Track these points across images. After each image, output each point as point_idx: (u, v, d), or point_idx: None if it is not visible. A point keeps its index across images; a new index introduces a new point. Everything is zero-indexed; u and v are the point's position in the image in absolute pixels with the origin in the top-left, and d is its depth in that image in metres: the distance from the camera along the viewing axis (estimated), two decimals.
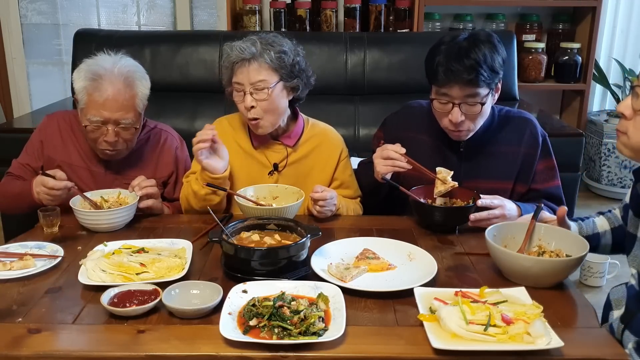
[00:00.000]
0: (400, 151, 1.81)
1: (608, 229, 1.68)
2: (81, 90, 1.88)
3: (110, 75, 1.87)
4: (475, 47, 1.75)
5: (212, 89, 3.03)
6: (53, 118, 2.08)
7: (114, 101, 1.86)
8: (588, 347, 1.23)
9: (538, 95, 4.07)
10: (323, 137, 2.05)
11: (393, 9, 3.72)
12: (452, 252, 1.67)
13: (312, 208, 1.86)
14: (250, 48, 1.83)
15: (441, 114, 1.85)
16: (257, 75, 1.84)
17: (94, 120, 1.87)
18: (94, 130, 1.90)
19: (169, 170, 2.10)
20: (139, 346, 1.21)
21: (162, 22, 4.14)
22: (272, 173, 1.99)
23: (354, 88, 3.09)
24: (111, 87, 1.86)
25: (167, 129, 2.17)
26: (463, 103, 1.79)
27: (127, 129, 1.92)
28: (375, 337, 1.25)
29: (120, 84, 1.87)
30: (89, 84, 1.87)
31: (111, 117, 1.87)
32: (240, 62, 1.84)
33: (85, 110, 1.89)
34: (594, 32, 3.72)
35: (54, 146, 2.02)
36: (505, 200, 1.79)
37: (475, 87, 1.76)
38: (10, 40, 4.07)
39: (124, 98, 1.87)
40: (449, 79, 1.75)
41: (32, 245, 1.65)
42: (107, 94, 1.85)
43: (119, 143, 1.92)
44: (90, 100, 1.87)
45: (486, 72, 1.75)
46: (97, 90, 1.85)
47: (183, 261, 1.52)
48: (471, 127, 1.85)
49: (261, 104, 1.85)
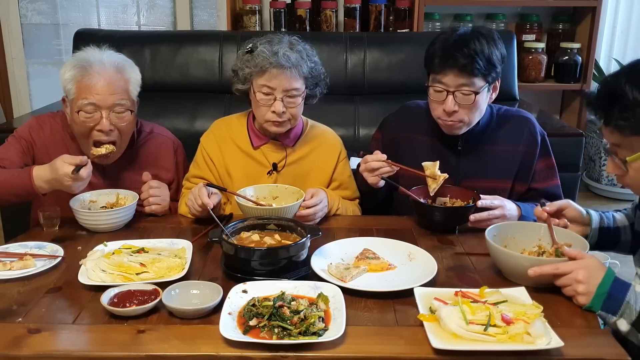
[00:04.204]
0: (381, 158, 1.81)
1: (627, 224, 1.68)
2: (70, 80, 1.80)
3: (100, 63, 1.81)
4: (474, 38, 1.77)
5: (212, 89, 3.03)
6: (42, 119, 1.96)
7: (106, 84, 1.78)
8: (588, 347, 1.23)
9: (538, 95, 4.06)
10: (322, 138, 2.06)
11: (393, 9, 3.72)
12: (452, 252, 1.67)
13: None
14: (291, 56, 1.83)
15: (436, 104, 1.85)
16: (294, 83, 1.86)
17: (86, 104, 1.77)
18: (87, 120, 1.80)
19: (169, 176, 2.05)
20: (139, 346, 1.21)
21: (162, 22, 4.14)
22: (271, 173, 1.99)
23: (354, 88, 3.09)
24: (102, 73, 1.79)
25: (163, 133, 2.12)
26: (457, 91, 1.79)
27: (122, 115, 1.83)
28: (375, 337, 1.25)
29: (111, 71, 1.81)
30: (78, 72, 1.79)
31: (105, 101, 1.79)
32: (277, 68, 1.84)
33: (75, 99, 1.79)
34: (594, 32, 3.72)
35: (44, 150, 1.91)
36: (505, 200, 1.79)
37: (471, 76, 1.77)
38: (10, 40, 4.06)
39: (116, 82, 1.80)
40: (445, 65, 1.77)
41: (32, 245, 1.65)
42: (98, 78, 1.78)
43: (113, 133, 1.83)
44: (81, 86, 1.78)
45: (482, 62, 1.76)
46: (87, 75, 1.77)
47: (183, 261, 1.52)
48: (465, 119, 1.84)
49: (290, 110, 1.89)
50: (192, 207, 1.78)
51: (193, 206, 1.77)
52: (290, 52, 1.84)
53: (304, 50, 1.90)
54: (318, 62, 1.96)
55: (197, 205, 1.74)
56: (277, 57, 1.82)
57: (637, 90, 1.29)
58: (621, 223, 1.68)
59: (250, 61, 1.87)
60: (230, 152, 2.00)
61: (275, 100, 1.86)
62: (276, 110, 1.86)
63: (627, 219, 1.68)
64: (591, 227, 1.63)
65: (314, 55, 1.94)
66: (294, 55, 1.85)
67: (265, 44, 1.86)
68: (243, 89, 1.95)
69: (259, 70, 1.85)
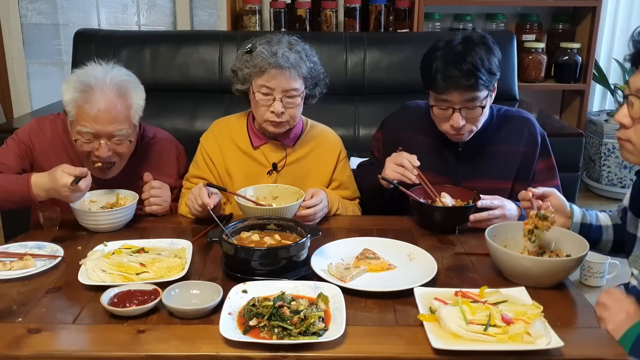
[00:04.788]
0: (414, 163, 1.80)
1: (610, 224, 1.68)
2: (70, 102, 1.77)
3: (102, 85, 1.76)
4: (472, 51, 1.76)
5: (212, 89, 3.03)
6: (43, 122, 1.95)
7: (107, 113, 1.75)
8: (588, 347, 1.23)
9: (538, 95, 4.07)
10: (322, 138, 2.06)
11: (393, 9, 3.72)
12: (452, 252, 1.67)
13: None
14: (290, 57, 1.83)
15: (441, 120, 1.85)
16: (293, 83, 1.86)
17: (85, 132, 1.76)
18: (85, 145, 1.79)
19: (171, 182, 2.01)
20: (139, 346, 1.21)
21: (162, 22, 4.14)
22: (271, 172, 1.99)
23: (354, 88, 3.09)
24: (103, 99, 1.74)
25: (165, 137, 2.09)
26: (463, 108, 1.79)
27: (121, 142, 1.81)
28: (375, 337, 1.24)
29: (113, 95, 1.76)
30: (79, 95, 1.75)
31: (104, 130, 1.76)
32: (275, 68, 1.83)
33: (74, 123, 1.78)
34: (594, 32, 3.72)
35: (44, 154, 1.91)
36: (505, 200, 1.79)
37: (475, 92, 1.77)
38: (10, 40, 4.06)
39: (117, 110, 1.76)
40: (448, 86, 1.75)
41: (32, 245, 1.65)
42: (99, 106, 1.74)
43: (112, 157, 1.82)
44: (81, 112, 1.75)
45: (484, 76, 1.75)
46: (87, 102, 1.74)
47: (183, 261, 1.52)
48: (472, 129, 1.85)
49: (289, 111, 1.89)
50: (192, 207, 1.78)
51: (193, 206, 1.77)
52: (289, 53, 1.84)
53: (303, 51, 1.90)
54: (317, 62, 1.95)
55: (197, 205, 1.74)
56: (276, 58, 1.82)
57: None
58: (604, 222, 1.68)
59: (249, 61, 1.87)
60: (230, 152, 2.00)
61: (274, 101, 1.86)
62: (275, 110, 1.86)
63: (611, 219, 1.69)
64: (572, 220, 1.65)
65: (313, 56, 1.94)
66: (293, 56, 1.84)
67: (264, 45, 1.86)
68: (242, 89, 1.95)
69: (258, 70, 1.85)
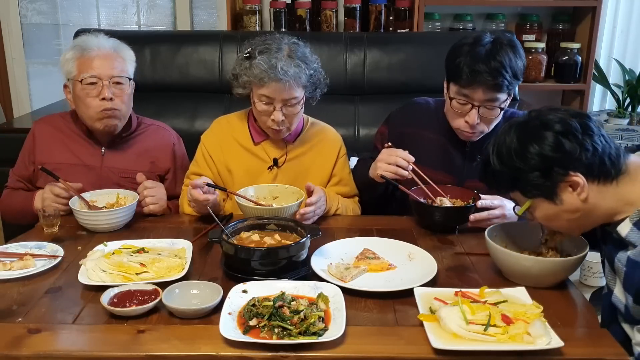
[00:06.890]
0: (410, 160, 1.80)
1: None
2: (70, 59, 1.94)
3: (98, 45, 1.96)
4: (501, 51, 1.77)
5: (212, 89, 3.03)
6: (40, 123, 2.08)
7: (105, 59, 1.93)
8: (588, 347, 1.23)
9: (538, 95, 4.06)
10: (322, 135, 2.07)
11: (393, 9, 3.72)
12: (452, 252, 1.67)
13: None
14: (289, 70, 1.80)
15: (457, 114, 1.85)
16: (292, 92, 1.86)
17: (87, 77, 1.90)
18: (90, 91, 1.91)
19: (166, 166, 2.11)
20: (139, 346, 1.21)
21: (162, 22, 4.13)
22: (272, 168, 2.00)
23: (354, 88, 3.08)
24: (100, 51, 1.94)
25: (164, 126, 2.19)
26: (482, 106, 1.80)
27: (121, 86, 1.94)
28: (375, 337, 1.25)
29: (108, 49, 1.96)
30: (77, 52, 1.94)
31: (104, 73, 1.92)
32: (275, 81, 1.81)
33: (77, 75, 1.92)
34: (594, 32, 3.72)
35: (42, 150, 2.02)
36: (505, 200, 1.79)
37: (498, 92, 1.78)
38: (10, 40, 4.06)
39: (113, 57, 1.95)
40: (474, 80, 1.76)
41: (32, 245, 1.65)
42: (96, 53, 1.93)
43: (115, 103, 1.93)
44: (81, 62, 1.92)
45: (509, 77, 1.76)
46: (86, 53, 1.93)
47: (183, 261, 1.53)
48: (484, 129, 1.86)
49: (290, 118, 1.90)
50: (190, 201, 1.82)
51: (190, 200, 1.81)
52: (288, 66, 1.81)
53: (303, 57, 1.88)
54: (317, 67, 1.94)
55: (193, 200, 1.78)
56: (275, 72, 1.80)
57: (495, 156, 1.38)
58: None
59: (248, 69, 1.86)
60: (231, 149, 2.01)
61: (275, 110, 1.87)
62: (275, 119, 1.87)
63: None
64: None
65: (313, 62, 1.92)
66: (292, 70, 1.81)
67: (263, 54, 1.83)
68: (243, 93, 1.95)
69: (258, 81, 1.85)
